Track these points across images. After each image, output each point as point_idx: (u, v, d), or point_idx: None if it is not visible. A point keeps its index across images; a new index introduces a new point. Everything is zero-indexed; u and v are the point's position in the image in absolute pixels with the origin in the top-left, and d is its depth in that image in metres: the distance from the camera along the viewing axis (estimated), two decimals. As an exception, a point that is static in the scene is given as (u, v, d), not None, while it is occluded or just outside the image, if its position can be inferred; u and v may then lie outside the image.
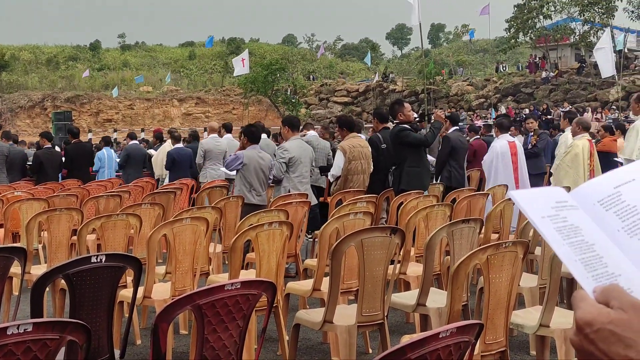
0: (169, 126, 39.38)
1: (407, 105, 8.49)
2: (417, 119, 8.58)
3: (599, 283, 0.97)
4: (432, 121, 8.16)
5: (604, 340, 0.88)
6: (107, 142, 15.51)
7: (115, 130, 40.43)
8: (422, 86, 36.73)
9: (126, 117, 48.37)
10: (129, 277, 5.24)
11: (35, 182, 11.87)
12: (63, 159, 12.99)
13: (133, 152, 13.69)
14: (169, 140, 13.40)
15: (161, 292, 5.17)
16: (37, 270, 6.18)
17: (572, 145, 9.11)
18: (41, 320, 2.30)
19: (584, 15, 41.14)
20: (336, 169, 8.49)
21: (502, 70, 46.72)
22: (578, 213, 1.07)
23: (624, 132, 13.03)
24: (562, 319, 4.12)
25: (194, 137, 14.21)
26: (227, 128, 12.80)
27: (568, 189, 1.59)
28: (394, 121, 8.26)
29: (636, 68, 38.53)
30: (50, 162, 12.39)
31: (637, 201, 1.06)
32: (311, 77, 52.59)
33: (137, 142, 14.88)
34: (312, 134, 10.90)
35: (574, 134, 9.36)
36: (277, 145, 10.94)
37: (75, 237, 6.26)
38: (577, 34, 42.67)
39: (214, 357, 2.96)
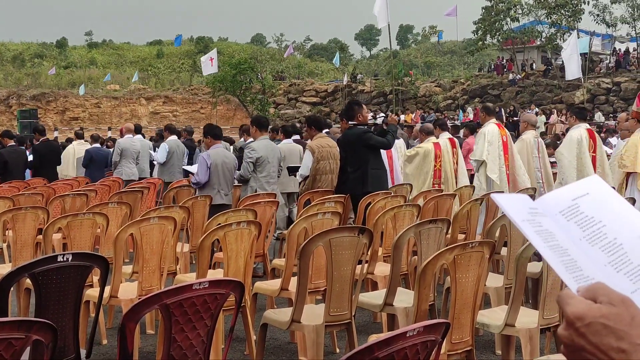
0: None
1: (364, 106, 8.50)
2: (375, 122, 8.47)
3: (580, 284, 1.01)
4: (387, 125, 8.03)
5: (595, 334, 0.90)
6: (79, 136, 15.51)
7: (81, 129, 39.93)
8: (391, 87, 36.91)
9: (93, 115, 47.77)
10: (95, 277, 5.20)
11: (0, 180, 11.68)
12: (30, 157, 12.82)
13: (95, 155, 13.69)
14: (77, 141, 13.76)
15: (128, 292, 5.13)
16: (2, 270, 6.08)
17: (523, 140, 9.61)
18: (6, 320, 2.27)
19: (550, 18, 41.65)
20: (304, 169, 8.50)
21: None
22: (548, 220, 1.13)
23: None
24: (527, 319, 4.17)
25: (161, 137, 14.14)
26: (137, 129, 13.63)
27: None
28: (351, 122, 8.05)
29: (601, 71, 39.15)
30: (14, 161, 12.21)
31: (594, 213, 1.13)
32: (282, 77, 52.33)
33: (98, 145, 14.78)
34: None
35: (522, 130, 9.85)
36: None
37: (40, 236, 6.19)
38: (544, 36, 43.21)
39: (181, 356, 2.95)
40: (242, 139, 12.85)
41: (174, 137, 12.81)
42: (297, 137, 11.00)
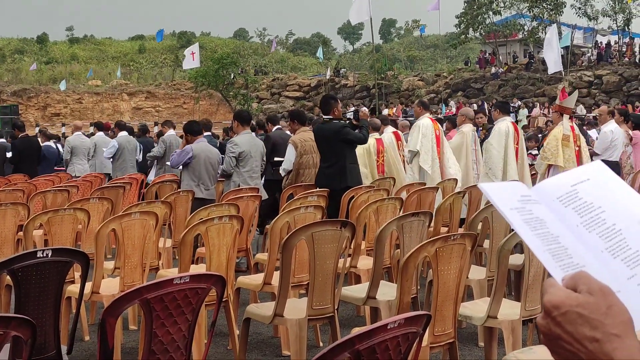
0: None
1: (339, 101, 8.51)
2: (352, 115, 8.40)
3: (566, 272, 1.01)
4: (359, 120, 7.97)
5: (571, 322, 0.90)
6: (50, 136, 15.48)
7: (63, 125, 39.67)
8: (374, 81, 36.92)
9: (75, 111, 47.43)
10: (76, 273, 5.16)
11: (-20, 177, 11.59)
12: (8, 153, 12.72)
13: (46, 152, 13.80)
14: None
15: (110, 288, 5.10)
16: (-19, 267, 6.04)
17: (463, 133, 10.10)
18: (-17, 316, 2.25)
19: (532, 11, 41.85)
20: (287, 163, 8.48)
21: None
22: (541, 207, 1.13)
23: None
24: (509, 310, 4.19)
25: (143, 131, 14.07)
26: (121, 126, 13.51)
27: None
28: (325, 117, 7.97)
29: (583, 64, 39.38)
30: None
31: (593, 199, 1.12)
32: (264, 71, 52.01)
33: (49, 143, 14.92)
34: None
35: (460, 124, 10.27)
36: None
37: (21, 233, 6.14)
38: (526, 30, 43.41)
39: (162, 351, 2.93)
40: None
41: (124, 133, 12.96)
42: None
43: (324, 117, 8.01)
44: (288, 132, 10.24)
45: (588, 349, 0.89)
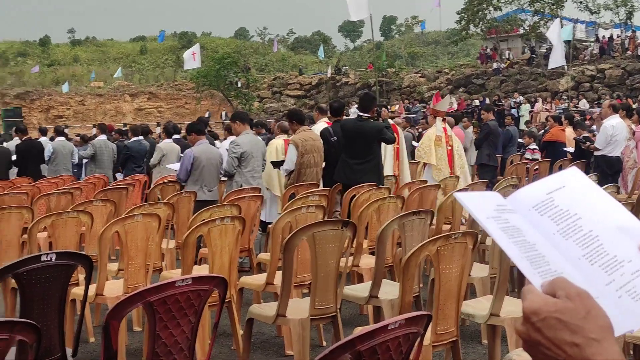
0: (121, 122, 38.87)
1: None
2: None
3: (545, 279, 1.01)
4: (383, 120, 8.28)
5: (550, 328, 0.91)
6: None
7: (66, 127, 39.65)
8: (375, 78, 36.89)
9: (77, 113, 47.50)
10: (80, 275, 5.19)
11: (-17, 180, 11.62)
12: (13, 157, 12.77)
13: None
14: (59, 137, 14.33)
15: (114, 290, 5.13)
16: (-14, 271, 6.07)
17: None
18: (-12, 322, 2.27)
19: (533, 6, 41.73)
20: (289, 164, 8.49)
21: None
22: (517, 216, 1.13)
23: (571, 121, 13.34)
24: (512, 308, 4.20)
25: (145, 133, 14.12)
26: (103, 129, 14.18)
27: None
28: (364, 114, 8.17)
29: (585, 58, 39.28)
30: (-2, 160, 12.17)
31: (569, 206, 1.13)
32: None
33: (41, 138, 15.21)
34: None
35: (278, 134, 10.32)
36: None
37: (26, 236, 6.17)
38: (527, 25, 43.30)
39: (166, 353, 2.96)
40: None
41: (61, 139, 13.78)
42: (177, 136, 12.37)
43: (361, 114, 8.20)
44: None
45: (568, 353, 0.90)
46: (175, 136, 12.51)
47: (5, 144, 14.52)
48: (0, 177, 11.76)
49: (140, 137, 13.36)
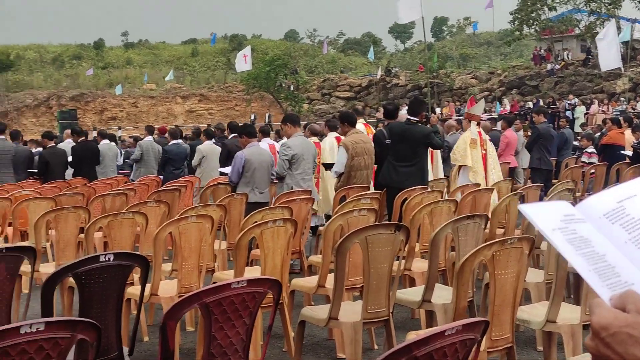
0: (173, 123, 39.42)
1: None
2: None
3: (614, 292, 0.99)
4: (432, 125, 8.32)
5: (620, 343, 0.89)
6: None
7: (119, 128, 40.48)
8: (426, 80, 36.63)
9: (130, 115, 48.36)
10: (135, 275, 5.27)
11: (42, 180, 11.91)
12: (69, 157, 13.06)
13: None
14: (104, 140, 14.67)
15: (168, 290, 5.20)
16: (46, 269, 6.22)
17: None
18: (53, 320, 2.33)
19: (589, 6, 40.88)
20: (339, 166, 8.49)
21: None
22: (586, 226, 1.10)
23: (631, 124, 13.04)
24: (569, 315, 4.12)
25: (197, 135, 14.32)
26: (149, 130, 14.64)
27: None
28: (412, 118, 8.23)
29: (643, 59, 38.28)
30: (55, 161, 12.43)
31: None
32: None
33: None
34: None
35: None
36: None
37: (82, 235, 6.30)
38: (583, 25, 42.47)
39: (221, 354, 2.98)
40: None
41: (106, 141, 14.16)
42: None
43: (410, 118, 8.27)
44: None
45: None
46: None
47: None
48: (57, 177, 12.02)
49: (180, 140, 13.59)
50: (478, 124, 9.83)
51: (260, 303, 3.07)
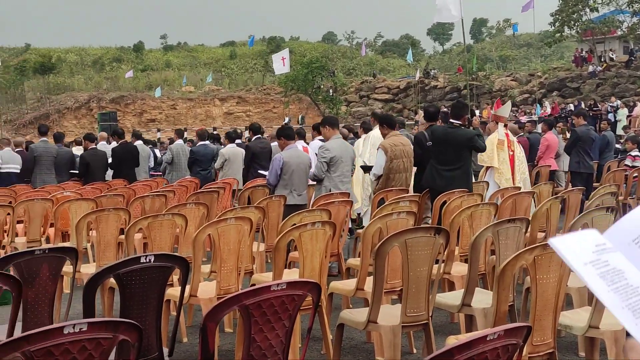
0: (211, 125, 39.76)
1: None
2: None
3: None
4: (474, 128, 8.28)
5: None
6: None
7: (158, 130, 40.98)
8: (465, 82, 36.36)
9: (169, 117, 48.93)
10: (175, 276, 5.32)
11: (83, 182, 12.09)
12: (109, 159, 13.23)
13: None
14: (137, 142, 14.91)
15: (207, 291, 5.23)
16: (87, 269, 6.32)
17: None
18: (95, 320, 2.35)
19: (632, 6, 40.15)
20: (378, 168, 8.46)
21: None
22: (618, 255, 1.05)
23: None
24: (612, 320, 4.04)
25: (236, 136, 14.41)
26: (179, 134, 15.29)
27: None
28: (455, 121, 8.16)
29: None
30: (95, 163, 12.61)
31: None
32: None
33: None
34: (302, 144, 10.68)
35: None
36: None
37: (122, 236, 6.38)
38: (626, 26, 41.72)
39: (260, 356, 2.99)
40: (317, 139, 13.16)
41: (139, 142, 14.45)
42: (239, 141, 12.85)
43: (453, 121, 8.22)
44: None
45: None
46: (237, 141, 13.25)
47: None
48: (97, 179, 12.18)
49: (207, 142, 13.75)
50: (505, 126, 9.86)
51: (299, 306, 3.07)
